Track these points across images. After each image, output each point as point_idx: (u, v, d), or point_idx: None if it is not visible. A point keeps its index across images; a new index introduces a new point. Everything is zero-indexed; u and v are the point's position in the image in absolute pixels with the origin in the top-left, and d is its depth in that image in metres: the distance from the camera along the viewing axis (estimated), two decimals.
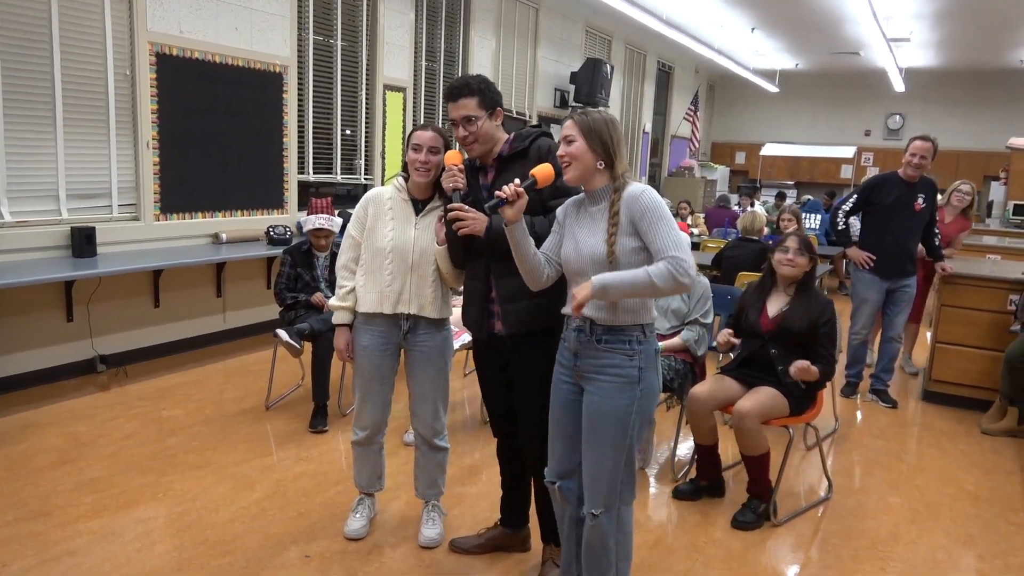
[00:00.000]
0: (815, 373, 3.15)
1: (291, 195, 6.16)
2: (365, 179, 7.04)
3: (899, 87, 13.45)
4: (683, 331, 3.79)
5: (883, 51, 10.74)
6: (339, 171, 6.75)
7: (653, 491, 3.48)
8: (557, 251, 2.28)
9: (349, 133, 6.84)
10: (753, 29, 11.34)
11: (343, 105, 6.68)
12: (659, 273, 2.03)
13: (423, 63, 7.63)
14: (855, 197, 4.92)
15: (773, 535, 3.12)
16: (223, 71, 5.45)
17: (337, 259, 2.80)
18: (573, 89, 10.04)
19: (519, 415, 2.57)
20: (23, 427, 3.90)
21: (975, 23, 10.28)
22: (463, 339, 3.97)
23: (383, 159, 7.09)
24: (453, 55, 8.11)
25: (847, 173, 15.11)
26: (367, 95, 6.92)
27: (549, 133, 2.54)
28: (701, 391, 3.31)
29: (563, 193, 2.41)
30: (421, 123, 7.52)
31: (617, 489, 2.20)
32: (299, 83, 6.16)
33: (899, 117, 15.06)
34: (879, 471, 3.87)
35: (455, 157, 2.46)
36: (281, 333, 4.02)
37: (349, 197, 7.17)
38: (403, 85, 7.24)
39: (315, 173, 6.50)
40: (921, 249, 4.94)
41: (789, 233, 3.42)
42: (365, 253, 2.72)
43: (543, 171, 2.22)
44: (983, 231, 9.89)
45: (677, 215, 9.23)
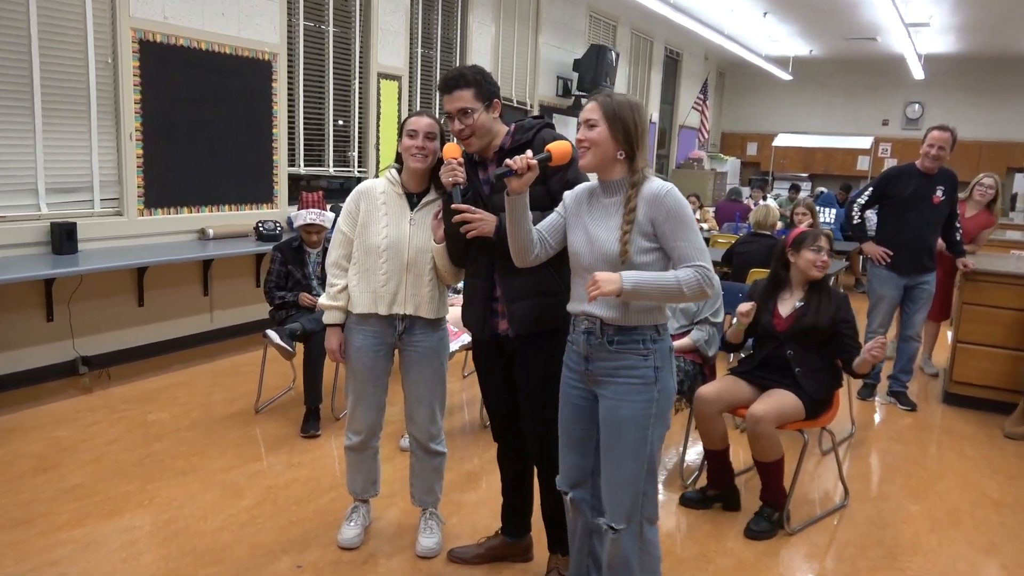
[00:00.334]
0: (877, 354, 3.07)
1: (281, 189, 6.16)
2: (358, 172, 7.04)
3: (918, 74, 13.43)
4: (692, 331, 3.79)
5: (901, 36, 10.72)
6: (331, 163, 6.75)
7: (661, 498, 3.48)
8: (554, 232, 2.27)
9: (342, 124, 6.84)
10: (765, 14, 11.33)
11: (335, 94, 6.68)
12: (688, 281, 2.03)
13: (419, 50, 7.63)
14: (871, 190, 4.93)
15: (787, 544, 3.13)
16: (210, 59, 5.44)
17: (327, 256, 2.80)
18: (576, 77, 10.03)
19: (523, 417, 2.57)
20: (1, 432, 3.90)
21: (998, 6, 10.27)
22: (461, 340, 3.97)
23: (377, 151, 7.09)
24: (450, 42, 8.11)
25: (864, 165, 15.11)
26: (360, 84, 6.92)
27: (551, 124, 2.54)
28: (708, 391, 3.31)
29: (574, 185, 2.40)
30: (416, 111, 7.53)
31: (639, 501, 2.16)
32: (289, 71, 6.16)
33: (918, 106, 15.04)
34: (898, 477, 3.88)
35: (454, 150, 2.46)
36: (271, 334, 4.02)
37: (342, 190, 7.16)
38: (398, 73, 7.24)
39: (306, 166, 6.50)
40: (942, 244, 4.94)
41: (812, 231, 3.40)
42: (358, 251, 2.71)
43: (560, 147, 2.20)
44: (1007, 225, 9.90)
45: None
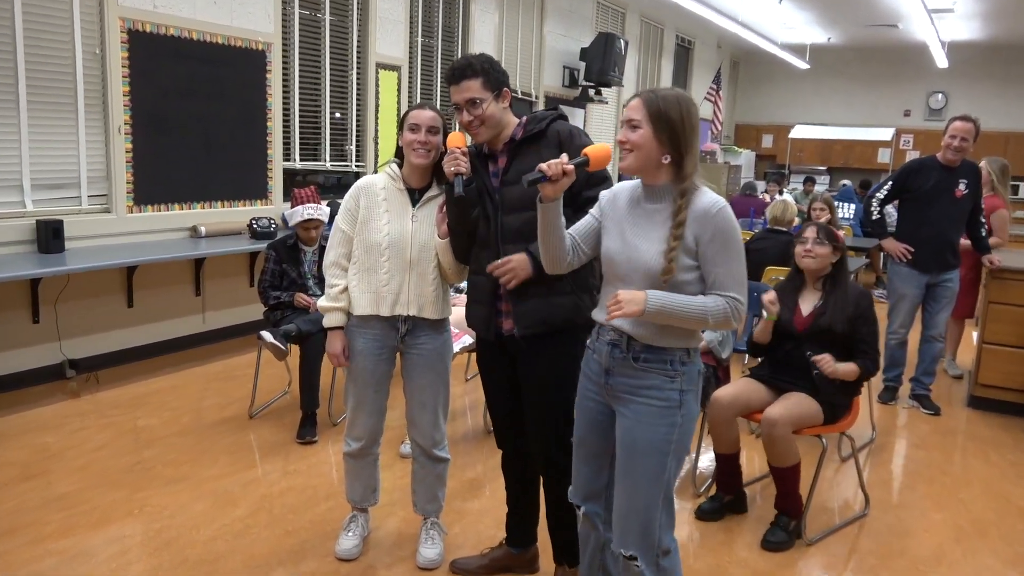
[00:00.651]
0: (843, 372, 3.18)
1: (276, 184, 6.18)
2: (356, 166, 7.05)
3: (941, 63, 13.39)
4: (705, 332, 3.80)
5: (924, 23, 10.69)
6: (328, 158, 6.76)
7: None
8: (588, 238, 2.21)
9: (339, 116, 6.85)
10: (781, 0, 11.31)
11: (332, 86, 6.69)
12: (716, 311, 1.99)
13: (419, 39, 7.63)
14: (890, 184, 4.93)
15: (804, 555, 3.13)
16: (201, 49, 5.46)
17: (325, 256, 2.80)
18: (583, 67, 10.03)
19: (529, 422, 2.58)
20: None
21: None
22: (463, 341, 3.98)
23: (376, 144, 7.11)
24: (452, 30, 8.11)
25: (884, 157, 15.07)
26: (358, 75, 6.93)
27: (565, 116, 2.55)
28: (723, 395, 3.32)
29: (598, 181, 2.38)
30: (418, 103, 7.52)
31: (654, 532, 2.10)
32: (284, 62, 6.17)
33: (941, 96, 15.00)
34: (920, 485, 3.87)
35: (458, 139, 2.46)
36: (266, 335, 4.03)
37: (339, 186, 7.17)
38: (397, 63, 7.25)
39: (302, 160, 6.51)
40: (967, 242, 4.93)
41: (808, 223, 3.46)
42: (358, 249, 2.71)
43: (599, 152, 2.13)
44: None
45: None
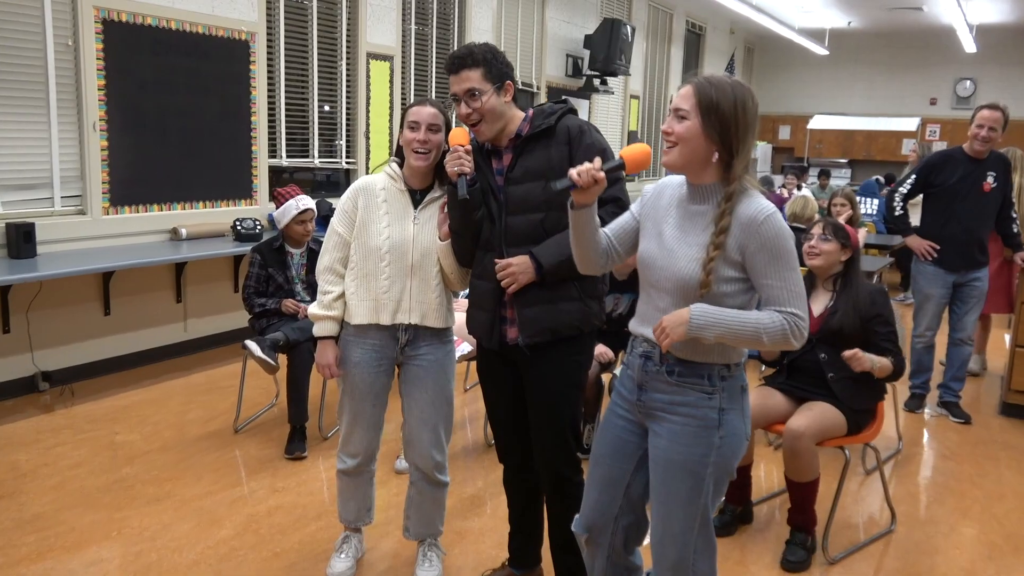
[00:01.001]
0: (880, 367, 3.17)
1: (261, 183, 6.18)
2: (346, 163, 7.06)
3: (969, 47, 13.39)
4: None
5: (950, 5, 10.69)
6: (317, 154, 6.77)
7: None
8: (624, 238, 2.17)
9: (328, 110, 6.86)
10: None
11: (320, 77, 6.70)
12: (771, 329, 1.92)
13: (412, 27, 7.64)
14: (913, 177, 4.93)
15: (827, 574, 3.12)
16: (181, 39, 5.46)
17: (319, 260, 2.78)
18: (588, 55, 10.04)
19: (534, 436, 2.57)
20: None
21: None
22: (462, 349, 3.98)
23: (367, 140, 7.11)
24: (447, 17, 8.12)
25: (909, 149, 15.05)
26: (348, 65, 6.93)
27: (574, 109, 2.54)
28: None
29: (614, 181, 2.35)
30: (415, 98, 7.54)
31: (688, 559, 2.08)
32: (269, 52, 6.18)
33: (970, 83, 14.99)
34: (950, 498, 3.87)
35: (461, 136, 2.46)
36: (252, 345, 4.03)
37: (329, 183, 7.18)
38: (390, 53, 7.26)
39: (289, 157, 6.52)
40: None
41: (817, 220, 3.47)
42: (356, 254, 2.70)
43: (636, 153, 2.04)
44: None
45: None
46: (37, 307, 4.82)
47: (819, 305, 3.40)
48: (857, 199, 6.59)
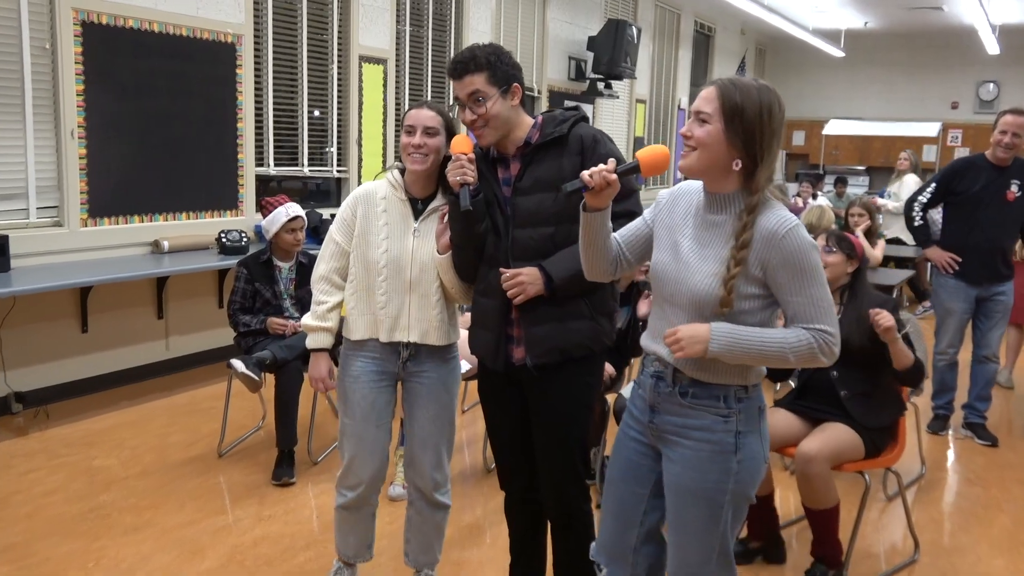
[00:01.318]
0: (901, 348, 3.17)
1: (248, 193, 6.19)
2: (338, 172, 7.07)
3: (992, 48, 13.43)
4: None
5: (971, 4, 10.73)
6: (306, 162, 6.78)
7: None
8: (635, 245, 2.16)
9: (318, 115, 6.88)
10: None
11: (310, 81, 6.72)
12: (798, 347, 1.91)
13: (407, 28, 7.67)
14: (933, 186, 4.94)
15: None
16: (163, 42, 5.48)
17: (315, 268, 2.78)
18: (591, 57, 10.07)
19: (540, 461, 2.56)
20: None
21: None
22: (462, 367, 3.96)
23: (359, 146, 7.13)
24: (444, 18, 8.16)
25: (930, 155, 15.09)
26: (339, 69, 6.96)
27: (586, 117, 2.54)
28: None
29: (621, 196, 2.36)
30: (410, 103, 7.55)
31: None
32: (256, 55, 6.20)
33: (993, 86, 15.05)
34: (976, 526, 3.86)
35: (464, 144, 2.46)
36: (237, 364, 4.03)
37: (319, 193, 7.19)
38: (383, 56, 7.28)
39: (277, 165, 6.53)
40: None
41: (828, 231, 3.46)
42: (355, 266, 2.70)
43: (653, 156, 2.03)
44: None
45: None
46: (10, 324, 4.81)
47: None
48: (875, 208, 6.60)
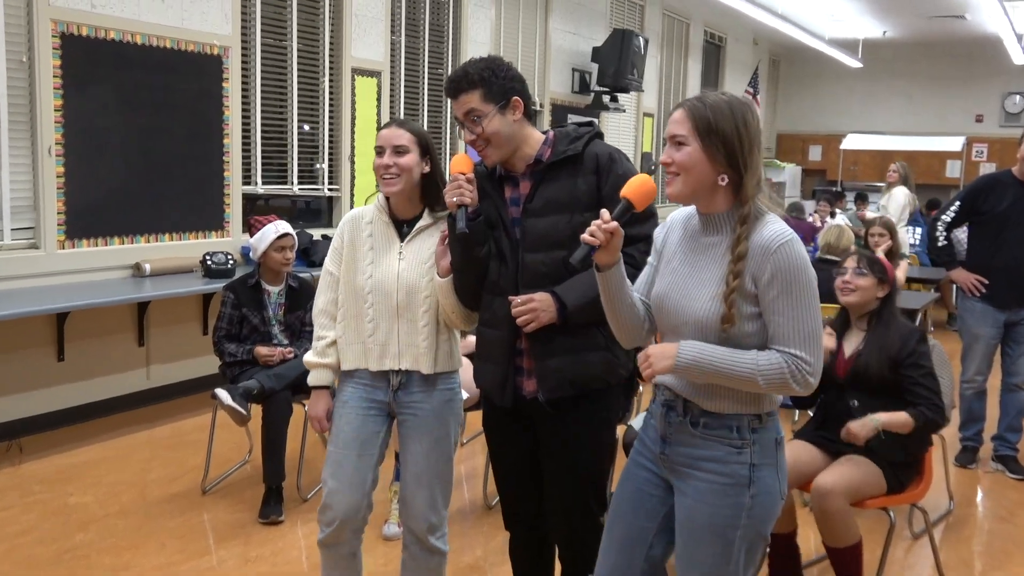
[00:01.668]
0: (886, 423, 3.13)
1: (234, 212, 6.20)
2: (329, 190, 7.09)
3: (1018, 59, 13.52)
4: None
5: (995, 12, 10.80)
6: (296, 180, 6.80)
7: None
8: (650, 291, 2.17)
9: (308, 130, 6.91)
10: None
11: (301, 95, 6.76)
12: (768, 371, 1.91)
13: (402, 39, 7.72)
14: (958, 204, 4.96)
15: None
16: (147, 55, 5.51)
17: (315, 302, 2.82)
18: (596, 69, 10.12)
19: (550, 500, 2.55)
20: None
21: None
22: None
23: (352, 163, 7.15)
24: (441, 29, 8.20)
25: (954, 171, 15.15)
26: (331, 82, 7.00)
27: (601, 133, 2.54)
28: None
29: (647, 216, 2.34)
30: (405, 117, 7.58)
31: None
32: (244, 68, 6.23)
33: (1019, 97, 15.12)
34: (1008, 565, 3.84)
35: (463, 164, 2.48)
36: (223, 395, 4.02)
37: (309, 212, 7.21)
38: (377, 68, 7.32)
39: (265, 183, 6.55)
40: None
41: (852, 252, 3.48)
42: (342, 294, 2.73)
43: (639, 188, 2.06)
44: None
45: None
46: None
47: (850, 346, 3.40)
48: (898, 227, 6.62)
